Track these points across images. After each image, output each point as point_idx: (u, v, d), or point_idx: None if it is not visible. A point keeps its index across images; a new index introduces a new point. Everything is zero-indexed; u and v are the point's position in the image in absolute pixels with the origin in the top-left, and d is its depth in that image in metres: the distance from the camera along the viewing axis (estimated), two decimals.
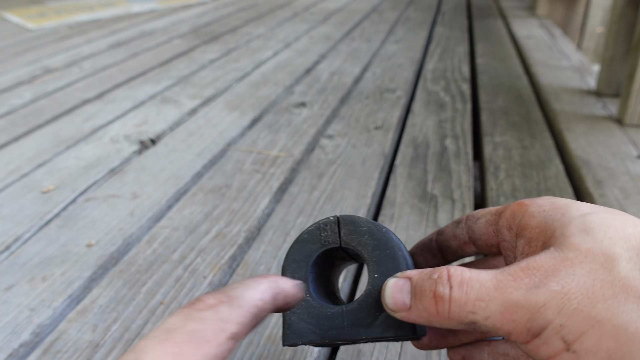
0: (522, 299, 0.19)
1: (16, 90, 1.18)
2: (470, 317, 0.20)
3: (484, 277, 0.20)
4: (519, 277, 0.19)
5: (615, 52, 1.00)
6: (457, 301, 0.20)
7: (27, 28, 1.85)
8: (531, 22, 1.78)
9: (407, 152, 0.82)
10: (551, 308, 0.18)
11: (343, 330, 0.24)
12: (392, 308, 0.22)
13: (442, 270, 0.21)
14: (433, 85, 1.17)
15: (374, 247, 0.25)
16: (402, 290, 0.22)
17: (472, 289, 0.20)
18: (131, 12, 2.14)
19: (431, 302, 0.21)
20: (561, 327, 0.18)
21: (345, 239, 0.26)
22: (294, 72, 1.28)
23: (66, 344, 0.46)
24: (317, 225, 0.26)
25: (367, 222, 0.26)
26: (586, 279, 0.18)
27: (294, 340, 0.24)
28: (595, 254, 0.19)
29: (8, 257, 0.59)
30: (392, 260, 0.25)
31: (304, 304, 0.25)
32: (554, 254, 0.20)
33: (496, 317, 0.19)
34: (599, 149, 0.80)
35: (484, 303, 0.19)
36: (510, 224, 0.23)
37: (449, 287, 0.20)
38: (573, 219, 0.21)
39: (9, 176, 0.78)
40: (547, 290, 0.19)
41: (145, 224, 0.65)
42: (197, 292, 0.52)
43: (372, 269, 0.25)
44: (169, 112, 1.02)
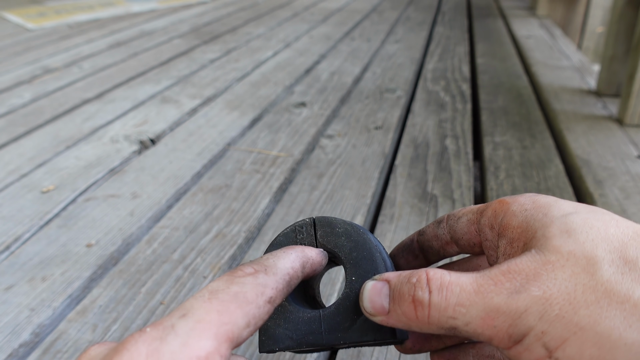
0: (503, 305, 0.18)
1: (16, 90, 1.18)
2: (450, 322, 0.19)
3: (464, 281, 0.20)
4: (499, 281, 0.19)
5: (616, 52, 1.00)
6: (437, 306, 0.20)
7: (27, 28, 1.85)
8: (531, 22, 1.78)
9: (407, 152, 0.82)
10: (532, 314, 0.18)
11: (320, 335, 0.23)
12: (371, 312, 0.22)
13: (420, 274, 0.21)
14: (433, 85, 1.17)
15: (351, 248, 0.24)
16: (381, 294, 0.22)
17: (452, 294, 0.19)
18: (131, 11, 2.14)
19: (410, 307, 0.20)
20: (543, 334, 0.18)
21: (321, 240, 0.25)
22: (294, 72, 1.28)
23: (66, 344, 0.46)
24: (293, 228, 0.26)
25: (343, 224, 0.25)
26: (568, 284, 0.18)
27: (270, 346, 0.24)
28: (577, 257, 0.18)
29: (8, 257, 0.59)
30: (370, 262, 0.24)
31: (280, 309, 0.24)
32: (535, 256, 0.19)
33: (477, 322, 0.19)
34: (599, 149, 0.80)
35: (464, 308, 0.19)
36: (492, 223, 0.23)
37: (428, 292, 0.20)
38: (555, 219, 0.20)
39: (8, 176, 0.78)
40: (529, 295, 0.18)
41: (145, 223, 0.65)
42: None
43: (349, 272, 0.24)
44: (169, 112, 1.02)
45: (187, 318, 0.18)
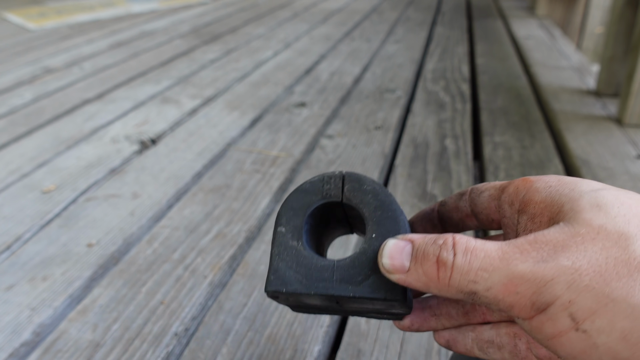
0: (528, 272, 0.18)
1: (17, 90, 1.18)
2: (470, 286, 0.19)
3: (489, 247, 0.19)
4: (525, 250, 0.18)
5: (615, 52, 1.01)
6: (460, 268, 0.19)
7: (28, 28, 1.85)
8: (531, 22, 1.78)
9: (407, 152, 0.82)
10: (560, 283, 0.17)
11: (331, 284, 0.23)
12: (389, 268, 0.21)
13: (447, 237, 0.20)
14: (433, 85, 1.17)
15: (376, 207, 0.24)
16: (403, 252, 0.21)
17: (476, 258, 0.19)
18: (131, 12, 2.14)
19: (433, 267, 0.20)
20: (570, 303, 0.17)
21: (347, 194, 0.25)
22: (294, 72, 1.28)
23: (67, 343, 0.47)
24: (321, 177, 0.25)
25: (372, 182, 0.25)
26: (599, 256, 0.17)
27: (277, 287, 0.23)
28: (609, 231, 0.18)
29: (9, 256, 0.59)
30: (394, 222, 0.24)
31: (294, 252, 0.24)
32: (563, 228, 0.19)
33: (498, 288, 0.18)
34: (599, 149, 0.81)
35: (487, 273, 0.19)
36: (513, 200, 0.22)
37: (452, 254, 0.20)
38: (584, 193, 0.20)
39: (9, 176, 0.78)
40: (557, 264, 0.18)
41: (146, 223, 0.65)
42: (198, 292, 0.52)
43: (370, 229, 0.24)
44: (169, 112, 1.02)
45: None
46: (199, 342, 0.46)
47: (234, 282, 0.54)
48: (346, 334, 0.46)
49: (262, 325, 0.48)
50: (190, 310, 0.50)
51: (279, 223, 0.25)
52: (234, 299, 0.51)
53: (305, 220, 0.25)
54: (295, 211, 0.25)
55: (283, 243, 0.24)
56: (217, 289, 0.53)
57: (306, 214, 0.25)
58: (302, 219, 0.24)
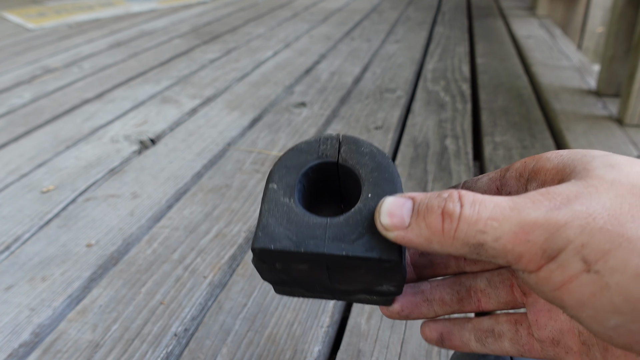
0: (540, 218, 0.17)
1: (16, 90, 1.18)
2: (478, 237, 0.18)
3: (499, 199, 0.18)
4: (537, 200, 0.18)
5: (616, 52, 1.00)
6: (467, 219, 0.18)
7: (27, 28, 1.85)
8: (531, 22, 1.78)
9: (407, 152, 0.82)
10: (573, 227, 0.17)
11: (323, 242, 0.22)
12: (387, 225, 0.20)
13: (451, 191, 0.19)
14: (433, 85, 1.17)
15: (373, 168, 0.23)
16: (403, 208, 0.20)
17: (485, 208, 0.18)
18: (131, 11, 2.14)
19: (437, 219, 0.19)
20: (582, 247, 0.17)
21: (344, 155, 0.24)
22: (294, 72, 1.28)
23: (66, 343, 0.46)
24: (317, 138, 0.24)
25: (370, 145, 0.24)
26: (613, 202, 0.17)
27: (265, 243, 0.22)
28: (622, 182, 0.18)
29: (8, 257, 0.59)
30: (390, 184, 0.23)
31: (285, 208, 0.23)
32: (575, 183, 0.18)
33: (509, 237, 0.18)
34: (599, 149, 0.80)
35: (497, 222, 0.18)
36: (521, 173, 0.22)
37: (459, 205, 0.19)
38: (596, 156, 0.19)
39: (8, 176, 0.78)
40: (570, 209, 0.17)
41: (145, 223, 0.65)
42: (197, 292, 0.52)
43: (366, 189, 0.23)
44: (169, 112, 1.02)
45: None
46: (198, 343, 0.46)
47: (234, 282, 0.54)
48: (346, 334, 0.46)
49: (262, 326, 0.47)
50: (190, 310, 0.50)
51: (270, 180, 0.23)
52: (234, 299, 0.51)
53: (299, 179, 0.24)
54: (288, 169, 0.24)
55: (274, 199, 0.23)
56: (217, 289, 0.53)
57: (300, 172, 0.24)
58: (295, 177, 0.23)
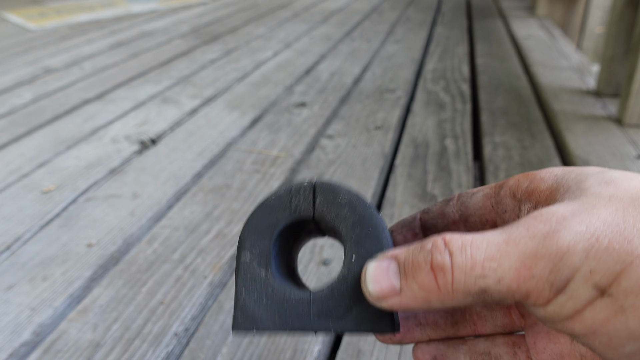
0: (540, 248, 0.16)
1: (17, 90, 1.18)
2: (479, 283, 0.16)
3: (490, 235, 0.17)
4: (532, 225, 0.16)
5: (615, 52, 1.01)
6: (462, 267, 0.16)
7: (28, 28, 1.85)
8: (531, 23, 1.78)
9: (407, 152, 0.82)
10: (577, 253, 0.15)
11: (308, 320, 0.20)
12: (377, 295, 0.18)
13: (435, 239, 0.17)
14: (433, 85, 1.17)
15: (354, 223, 0.21)
16: (388, 272, 0.18)
17: (478, 249, 0.16)
18: (131, 12, 2.14)
19: (429, 277, 0.17)
20: (592, 274, 0.15)
21: (320, 208, 0.21)
22: (294, 72, 1.28)
23: (67, 343, 0.47)
24: (288, 189, 0.22)
25: (348, 193, 0.21)
26: (614, 216, 0.16)
27: (246, 327, 0.20)
28: (620, 197, 0.16)
29: (9, 257, 0.59)
30: (375, 240, 0.21)
31: (262, 285, 0.21)
32: (570, 202, 0.17)
33: (511, 275, 0.16)
34: (599, 149, 0.81)
35: (495, 262, 0.16)
36: (515, 192, 0.21)
37: (448, 254, 0.17)
38: (590, 175, 0.18)
39: (9, 176, 0.78)
40: (570, 232, 0.16)
41: (146, 223, 0.65)
42: (198, 292, 0.52)
43: (349, 249, 0.21)
44: (169, 112, 1.02)
45: None
46: (199, 342, 0.46)
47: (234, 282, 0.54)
48: (346, 334, 0.46)
49: None
50: (190, 310, 0.50)
51: (242, 247, 0.21)
52: None
53: (273, 244, 0.22)
54: (260, 233, 0.21)
55: (249, 274, 0.21)
56: (217, 289, 0.53)
57: (273, 235, 0.21)
58: (269, 242, 0.21)
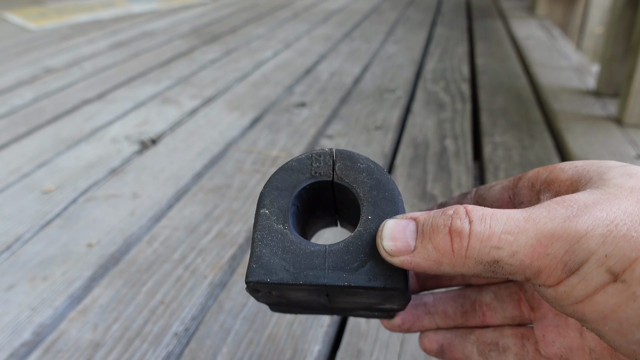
0: (559, 229, 0.16)
1: (17, 90, 1.18)
2: (493, 253, 0.17)
3: (511, 211, 0.17)
4: (553, 209, 0.17)
5: (615, 52, 1.01)
6: (479, 235, 0.17)
7: (28, 28, 1.85)
8: (531, 23, 1.78)
9: (407, 152, 0.82)
10: (594, 237, 0.16)
11: (323, 272, 0.20)
12: (390, 250, 0.19)
13: (457, 207, 0.18)
14: (433, 85, 1.17)
15: (372, 186, 0.21)
16: (406, 230, 0.19)
17: (497, 222, 0.17)
18: (132, 12, 2.14)
19: (445, 239, 0.18)
20: (607, 258, 0.16)
21: (339, 173, 0.22)
22: (294, 72, 1.28)
23: (67, 343, 0.47)
24: (309, 155, 0.22)
25: (366, 160, 0.22)
26: (635, 207, 0.16)
27: (261, 277, 0.20)
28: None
29: (9, 257, 0.59)
30: (391, 203, 0.21)
31: (280, 236, 0.21)
32: (592, 191, 0.17)
33: (526, 251, 0.16)
34: (599, 149, 0.81)
35: (512, 236, 0.17)
36: (534, 182, 0.21)
37: (468, 221, 0.17)
38: (612, 167, 0.19)
39: (9, 176, 0.78)
40: (590, 217, 0.16)
41: (146, 223, 0.65)
42: (198, 291, 0.52)
43: (365, 210, 0.21)
44: (169, 112, 1.02)
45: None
46: (199, 342, 0.46)
47: (234, 282, 0.54)
48: (346, 334, 0.47)
49: (262, 325, 0.48)
50: (191, 310, 0.50)
51: (262, 205, 0.22)
52: (234, 298, 0.51)
53: (292, 202, 0.22)
54: (280, 191, 0.22)
55: (267, 226, 0.21)
56: (217, 289, 0.53)
57: (293, 194, 0.22)
58: (288, 200, 0.22)
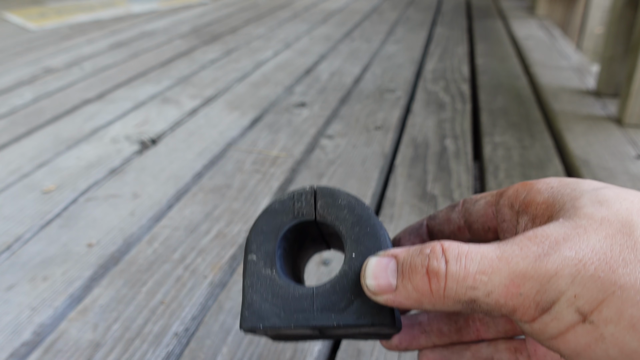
0: (530, 269, 0.17)
1: (17, 90, 1.18)
2: (469, 293, 0.17)
3: (485, 249, 0.18)
4: (525, 245, 0.17)
5: (615, 52, 1.01)
6: (455, 276, 0.18)
7: (28, 28, 1.85)
8: (531, 23, 1.78)
9: (407, 152, 0.82)
10: (564, 277, 0.16)
11: (312, 315, 0.21)
12: (374, 290, 0.20)
13: (434, 245, 0.19)
14: (433, 85, 1.17)
15: (354, 223, 0.22)
16: (387, 269, 0.19)
17: (472, 262, 0.18)
18: (132, 12, 2.14)
19: (423, 280, 0.18)
20: (576, 298, 0.16)
21: (321, 212, 0.23)
22: (294, 72, 1.28)
23: (67, 343, 0.47)
24: (291, 195, 0.23)
25: (347, 196, 0.23)
26: (603, 244, 0.16)
27: (253, 323, 0.21)
28: (611, 221, 0.17)
29: (9, 257, 0.59)
30: (374, 239, 0.22)
31: (268, 281, 0.22)
32: (564, 223, 0.18)
33: (500, 291, 0.17)
34: (599, 149, 0.81)
35: (486, 276, 0.17)
36: (513, 202, 0.21)
37: (444, 261, 0.18)
38: (585, 192, 0.19)
39: (9, 176, 0.78)
40: (559, 257, 0.16)
41: (146, 223, 0.65)
42: (198, 291, 0.52)
43: (349, 248, 0.22)
44: (169, 112, 1.02)
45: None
46: (199, 342, 0.46)
47: (234, 282, 0.54)
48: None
49: None
50: (191, 310, 0.50)
51: (249, 250, 0.23)
52: (234, 298, 0.51)
53: (278, 245, 0.23)
54: (266, 235, 0.23)
55: (256, 272, 0.22)
56: (217, 289, 0.53)
57: (278, 237, 0.23)
58: (274, 243, 0.23)
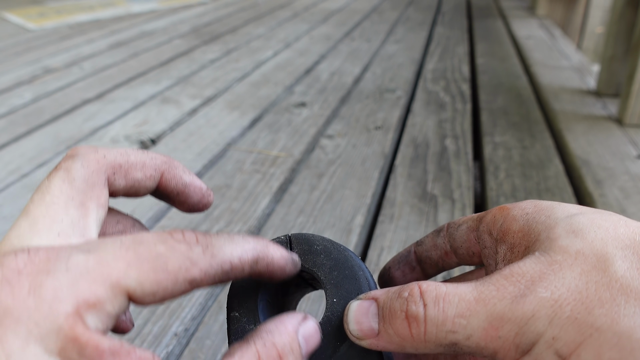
0: (507, 311, 0.17)
1: (17, 90, 1.18)
2: (450, 337, 0.17)
3: (463, 290, 0.18)
4: (502, 285, 0.17)
5: (615, 52, 1.01)
6: (434, 320, 0.18)
7: (28, 28, 1.85)
8: (531, 22, 1.78)
9: (407, 152, 0.82)
10: (541, 319, 0.16)
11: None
12: (358, 335, 0.19)
13: (412, 287, 0.19)
14: (433, 85, 1.17)
15: (331, 267, 0.22)
16: (368, 314, 0.19)
17: (450, 305, 0.18)
18: (131, 12, 2.14)
19: (403, 325, 0.18)
20: (554, 340, 0.16)
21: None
22: (294, 72, 1.28)
23: None
24: None
25: (322, 240, 0.23)
26: (578, 282, 0.16)
27: None
28: (586, 255, 0.17)
29: None
30: (353, 281, 0.22)
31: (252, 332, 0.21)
32: (539, 258, 0.18)
33: (479, 334, 0.17)
34: (599, 149, 0.80)
35: (465, 320, 0.17)
36: (491, 229, 0.21)
37: (422, 305, 0.18)
38: (559, 220, 0.19)
39: (9, 176, 0.78)
40: (535, 298, 0.17)
41: (146, 223, 0.65)
42: (198, 292, 0.52)
43: (330, 293, 0.22)
44: (169, 112, 1.02)
45: (90, 255, 0.16)
46: (198, 342, 0.46)
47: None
48: None
49: None
50: (190, 310, 0.50)
51: (231, 307, 0.23)
52: None
53: (260, 298, 0.22)
54: (245, 291, 0.23)
55: (239, 330, 0.22)
56: (217, 289, 0.53)
57: (258, 292, 0.22)
58: (255, 297, 0.22)
